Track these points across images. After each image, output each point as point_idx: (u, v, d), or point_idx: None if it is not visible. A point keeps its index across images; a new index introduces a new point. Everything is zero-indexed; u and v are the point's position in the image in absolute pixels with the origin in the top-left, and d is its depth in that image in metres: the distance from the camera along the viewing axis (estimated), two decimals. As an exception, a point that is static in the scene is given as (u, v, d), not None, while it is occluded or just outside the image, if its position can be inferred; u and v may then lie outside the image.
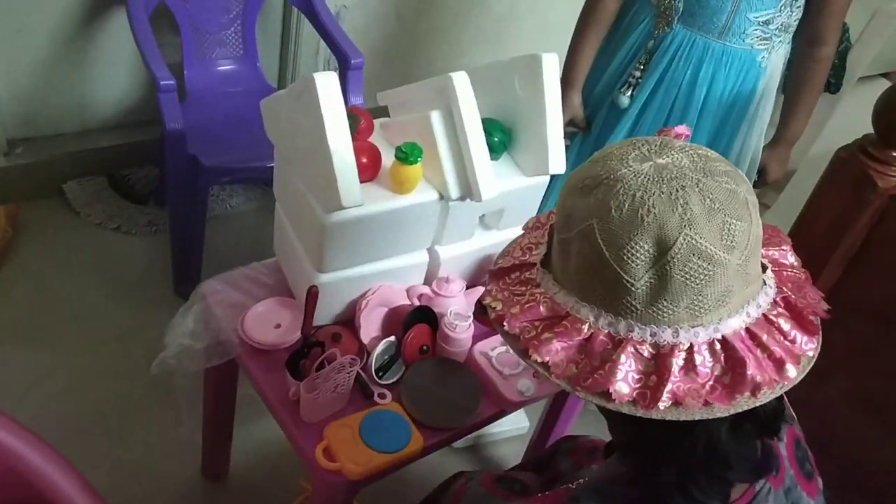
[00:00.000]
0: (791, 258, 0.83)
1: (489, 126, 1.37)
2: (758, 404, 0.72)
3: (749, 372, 0.70)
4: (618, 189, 0.71)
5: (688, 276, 0.69)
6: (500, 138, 1.42)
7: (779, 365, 0.72)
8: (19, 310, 2.12)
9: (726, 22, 1.64)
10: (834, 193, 1.50)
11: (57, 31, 2.25)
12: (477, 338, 1.44)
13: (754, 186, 1.90)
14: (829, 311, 0.78)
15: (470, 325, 1.40)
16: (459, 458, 2.02)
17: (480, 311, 1.48)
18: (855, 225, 1.47)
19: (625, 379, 0.71)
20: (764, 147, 1.85)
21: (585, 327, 0.73)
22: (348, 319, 1.44)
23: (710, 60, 1.67)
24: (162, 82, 1.87)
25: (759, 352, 0.72)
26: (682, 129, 0.83)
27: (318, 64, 2.63)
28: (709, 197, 0.70)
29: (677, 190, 0.70)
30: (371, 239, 1.33)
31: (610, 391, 0.70)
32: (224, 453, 1.82)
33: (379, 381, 1.36)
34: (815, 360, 0.75)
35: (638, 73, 1.73)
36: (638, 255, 0.69)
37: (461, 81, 1.27)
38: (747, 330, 0.73)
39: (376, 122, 1.42)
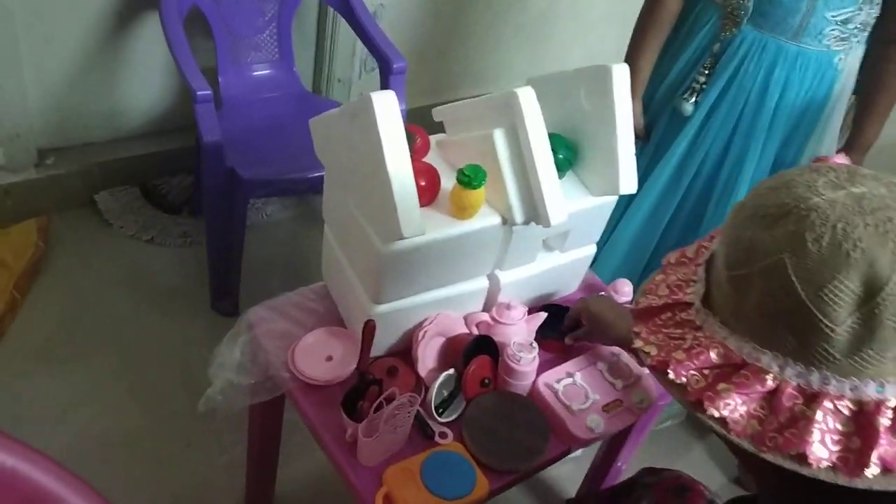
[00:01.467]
0: None
1: (553, 142, 1.26)
2: None
3: None
4: (812, 219, 0.63)
5: None
6: (566, 155, 1.32)
7: None
8: (52, 328, 2.05)
9: (801, 22, 1.52)
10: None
11: (87, 39, 2.17)
12: (541, 368, 1.35)
13: None
14: None
15: (535, 357, 1.31)
16: (511, 482, 1.93)
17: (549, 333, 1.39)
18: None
19: (822, 441, 0.62)
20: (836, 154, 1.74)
21: (769, 378, 0.64)
22: (404, 350, 1.35)
23: (784, 64, 1.56)
24: (199, 93, 1.79)
25: None
26: (840, 158, 0.74)
27: (354, 66, 2.54)
28: None
29: (885, 222, 0.61)
30: (430, 267, 1.23)
31: (806, 454, 0.62)
32: (269, 485, 1.74)
33: (439, 418, 1.27)
34: None
35: (702, 79, 1.62)
36: (841, 295, 0.60)
37: (527, 97, 1.17)
38: None
39: (432, 139, 1.33)
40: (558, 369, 1.37)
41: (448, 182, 1.23)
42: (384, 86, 2.11)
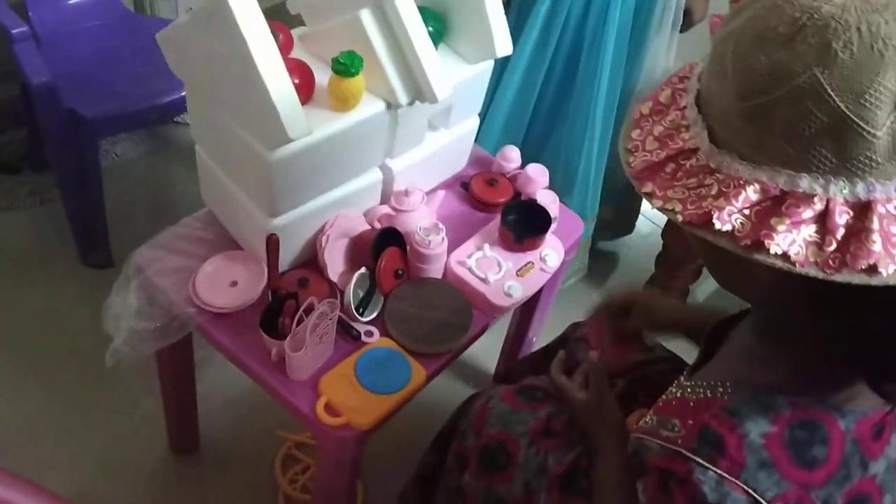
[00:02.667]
0: None
1: (421, 16, 1.21)
2: None
3: None
4: (833, 27, 0.59)
5: None
6: (435, 27, 1.27)
7: None
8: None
9: None
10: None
11: None
12: (450, 248, 1.34)
13: (681, 31, 1.82)
14: None
15: (443, 238, 1.29)
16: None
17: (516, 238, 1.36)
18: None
19: (885, 247, 0.61)
20: None
21: (816, 200, 0.62)
22: (309, 259, 1.30)
23: None
24: (14, 31, 1.60)
25: None
26: None
27: (174, -23, 2.34)
28: None
29: None
30: (321, 168, 1.18)
31: (876, 265, 0.61)
32: (191, 424, 1.68)
33: (361, 318, 1.25)
34: None
35: None
36: (881, 97, 0.58)
37: (389, -30, 1.11)
38: None
39: (294, 33, 1.24)
40: (467, 245, 1.36)
41: (322, 76, 1.16)
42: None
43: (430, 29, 1.24)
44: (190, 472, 1.70)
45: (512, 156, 1.50)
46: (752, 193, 0.64)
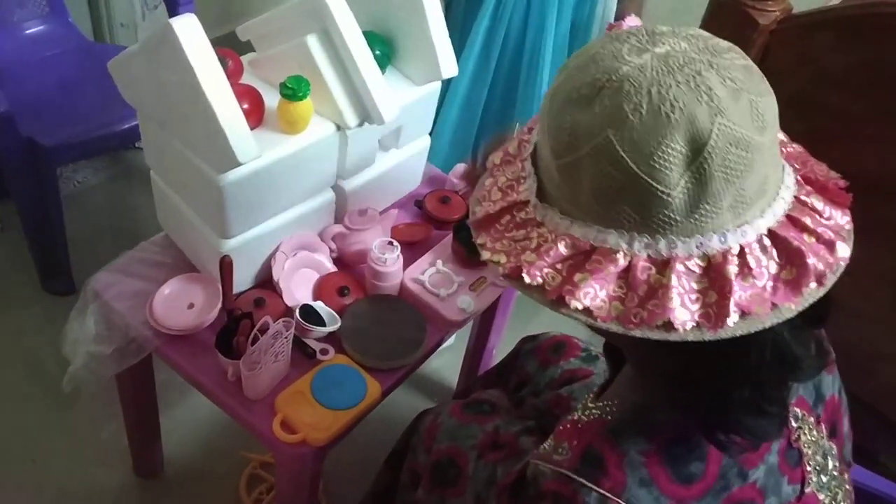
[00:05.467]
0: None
1: (367, 39, 1.25)
2: (823, 293, 0.66)
3: (809, 261, 0.64)
4: (627, 89, 0.61)
5: (728, 171, 0.61)
6: (382, 51, 1.31)
7: (830, 246, 0.67)
8: None
9: None
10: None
11: None
12: (404, 265, 1.37)
13: None
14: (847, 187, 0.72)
15: (398, 255, 1.32)
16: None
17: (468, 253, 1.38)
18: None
19: (682, 304, 0.63)
20: None
21: (620, 256, 0.64)
22: (266, 279, 1.33)
23: None
24: (-31, 62, 1.62)
25: (806, 237, 0.66)
26: (632, 20, 0.75)
27: (134, 7, 2.36)
28: (728, 77, 0.62)
29: (694, 76, 0.61)
30: (273, 190, 1.21)
31: (671, 321, 0.63)
32: (155, 447, 1.68)
33: (315, 336, 1.27)
34: (852, 233, 0.70)
35: None
36: (671, 158, 0.60)
37: (333, -3, 1.14)
38: (788, 217, 0.67)
39: (244, 59, 1.28)
40: (420, 262, 1.39)
41: (271, 100, 1.19)
42: (174, 20, 1.98)
43: (378, 52, 1.28)
44: (154, 495, 1.70)
45: (465, 174, 1.54)
46: (562, 248, 0.66)
